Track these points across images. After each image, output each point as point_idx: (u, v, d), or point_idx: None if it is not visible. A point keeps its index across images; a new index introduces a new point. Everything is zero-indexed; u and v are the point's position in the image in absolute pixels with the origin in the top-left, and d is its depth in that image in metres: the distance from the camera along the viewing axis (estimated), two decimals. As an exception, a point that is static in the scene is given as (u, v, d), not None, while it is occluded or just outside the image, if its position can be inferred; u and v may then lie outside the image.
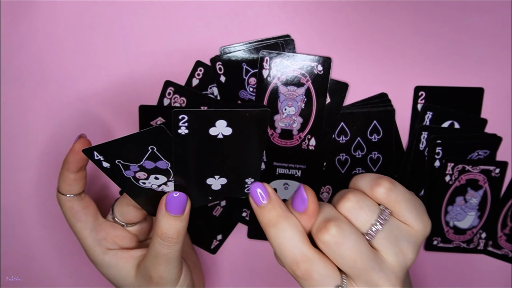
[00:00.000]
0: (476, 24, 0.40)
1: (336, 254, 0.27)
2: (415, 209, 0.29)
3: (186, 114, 0.26)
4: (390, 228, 0.28)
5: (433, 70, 0.40)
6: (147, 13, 0.40)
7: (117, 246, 0.36)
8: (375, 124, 0.41)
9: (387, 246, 0.28)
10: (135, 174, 0.30)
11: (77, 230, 0.36)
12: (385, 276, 0.27)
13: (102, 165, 0.29)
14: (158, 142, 0.28)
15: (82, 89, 0.41)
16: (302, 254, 0.28)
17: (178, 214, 0.31)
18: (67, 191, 0.35)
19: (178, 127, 0.27)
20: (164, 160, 0.29)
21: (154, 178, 0.31)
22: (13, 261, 0.45)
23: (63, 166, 0.34)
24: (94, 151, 0.28)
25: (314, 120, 0.40)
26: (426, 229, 0.29)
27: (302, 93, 0.40)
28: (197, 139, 0.28)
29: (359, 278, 0.27)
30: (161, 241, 0.32)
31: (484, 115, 0.41)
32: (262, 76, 0.40)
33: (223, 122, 0.27)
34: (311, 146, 0.41)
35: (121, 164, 0.29)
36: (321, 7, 0.40)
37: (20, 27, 0.41)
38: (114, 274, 0.35)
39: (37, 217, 0.44)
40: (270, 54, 0.39)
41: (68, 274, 0.46)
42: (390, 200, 0.28)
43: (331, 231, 0.27)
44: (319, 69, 0.39)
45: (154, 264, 0.33)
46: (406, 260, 0.28)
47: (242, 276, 0.45)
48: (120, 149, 0.28)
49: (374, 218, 0.28)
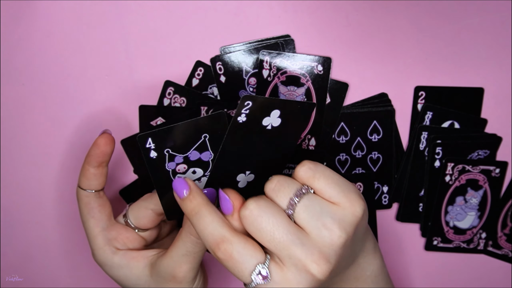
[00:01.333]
0: (476, 24, 0.40)
1: (255, 228, 0.28)
2: (339, 186, 0.29)
3: (251, 100, 0.27)
4: (310, 203, 0.28)
5: (433, 70, 0.40)
6: (147, 13, 0.40)
7: (125, 247, 0.36)
8: (375, 124, 0.41)
9: (308, 220, 0.28)
10: (176, 166, 0.31)
11: (89, 227, 0.35)
12: (307, 250, 0.27)
13: (149, 154, 0.29)
14: (213, 130, 0.29)
15: (82, 89, 0.41)
16: (221, 236, 0.28)
17: None
18: (86, 186, 0.35)
19: (239, 114, 0.27)
20: (209, 151, 0.30)
21: (191, 172, 0.31)
22: (13, 261, 0.45)
23: (85, 160, 0.34)
24: (148, 138, 0.29)
25: (314, 120, 0.40)
26: (354, 207, 0.28)
27: (302, 93, 0.40)
28: (248, 129, 0.29)
29: (280, 253, 0.27)
30: (196, 240, 0.32)
31: (484, 115, 0.41)
32: (262, 76, 0.40)
33: (277, 112, 0.28)
34: (311, 146, 0.41)
35: (168, 154, 0.30)
36: (321, 7, 0.40)
37: (20, 27, 0.41)
38: (125, 274, 0.35)
39: (37, 217, 0.44)
40: (270, 54, 0.39)
41: (68, 274, 0.46)
42: (309, 177, 0.29)
43: (249, 206, 0.28)
44: (319, 69, 0.39)
45: (181, 263, 0.33)
46: (332, 237, 0.27)
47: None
48: (175, 135, 0.29)
49: (293, 193, 0.28)
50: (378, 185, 0.42)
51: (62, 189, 0.44)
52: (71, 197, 0.44)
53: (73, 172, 0.43)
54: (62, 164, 0.43)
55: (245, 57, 0.40)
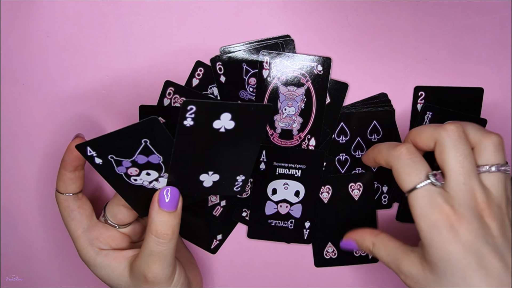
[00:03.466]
0: (476, 24, 0.40)
1: (454, 144, 0.30)
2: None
3: (194, 105, 0.26)
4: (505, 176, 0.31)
5: (432, 70, 0.40)
6: (147, 13, 0.40)
7: (109, 247, 0.36)
8: (374, 124, 0.41)
9: (495, 184, 0.31)
10: (127, 170, 0.30)
11: (71, 229, 0.36)
12: (483, 190, 0.30)
13: (94, 161, 0.29)
14: (152, 134, 0.28)
15: (82, 89, 0.41)
16: (406, 146, 0.32)
17: (172, 210, 0.32)
18: (64, 190, 0.35)
19: (184, 118, 0.27)
20: (156, 154, 0.29)
21: (145, 174, 0.31)
22: (13, 261, 0.45)
23: (60, 164, 0.35)
24: (87, 146, 0.28)
25: (314, 120, 0.40)
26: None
27: (302, 93, 0.40)
28: (198, 133, 0.28)
29: (457, 178, 0.30)
30: (156, 239, 0.32)
31: (484, 115, 0.41)
32: (262, 76, 0.40)
33: (228, 115, 0.27)
34: (311, 146, 0.41)
35: (114, 159, 0.29)
36: (321, 7, 0.40)
37: (20, 27, 0.41)
38: (107, 274, 0.35)
39: (37, 216, 0.44)
40: (270, 54, 0.39)
41: (68, 274, 0.46)
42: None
43: (457, 126, 0.31)
44: (319, 69, 0.39)
45: (148, 263, 0.33)
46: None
47: (242, 275, 0.45)
48: (113, 143, 0.28)
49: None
50: (378, 185, 0.42)
51: (62, 189, 0.44)
52: (71, 197, 0.44)
53: (73, 172, 0.43)
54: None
55: (245, 57, 0.40)
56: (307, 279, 0.44)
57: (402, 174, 0.31)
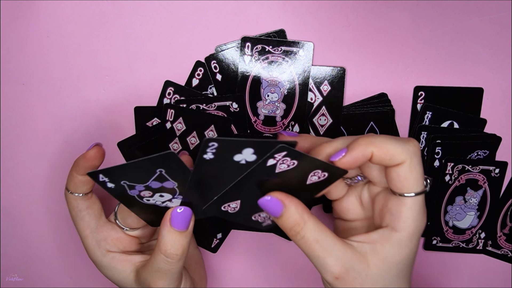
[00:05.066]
0: (476, 24, 0.40)
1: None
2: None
3: (216, 142, 0.26)
4: None
5: (432, 70, 0.40)
6: (147, 13, 0.40)
7: (117, 249, 0.36)
8: (372, 125, 0.41)
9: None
10: (140, 193, 0.30)
11: (79, 229, 0.36)
12: None
13: (106, 185, 0.29)
14: (167, 166, 0.28)
15: (82, 89, 0.41)
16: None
17: (183, 229, 0.31)
18: (74, 190, 0.35)
19: (205, 153, 0.26)
20: (171, 181, 0.29)
21: (159, 196, 0.30)
22: (13, 261, 0.45)
23: (73, 166, 0.34)
24: (99, 174, 0.28)
25: (297, 106, 0.40)
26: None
27: (284, 79, 0.40)
28: (218, 165, 0.27)
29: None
30: (165, 258, 0.31)
31: (483, 115, 0.41)
32: (244, 63, 0.40)
33: (250, 150, 0.27)
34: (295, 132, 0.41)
35: (127, 184, 0.29)
36: (321, 7, 0.40)
37: (20, 27, 0.41)
38: (114, 276, 0.35)
39: (37, 216, 0.44)
40: (251, 39, 0.39)
41: (68, 274, 0.46)
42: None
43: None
44: (301, 54, 0.39)
45: (155, 278, 0.32)
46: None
47: (242, 275, 0.45)
48: (127, 172, 0.28)
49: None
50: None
51: (62, 189, 0.44)
52: (71, 197, 0.44)
53: (73, 172, 0.43)
54: (62, 164, 0.43)
55: (238, 54, 0.40)
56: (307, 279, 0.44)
57: (418, 173, 0.29)
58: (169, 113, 0.40)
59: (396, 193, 0.30)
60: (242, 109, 0.40)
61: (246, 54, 0.40)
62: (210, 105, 0.40)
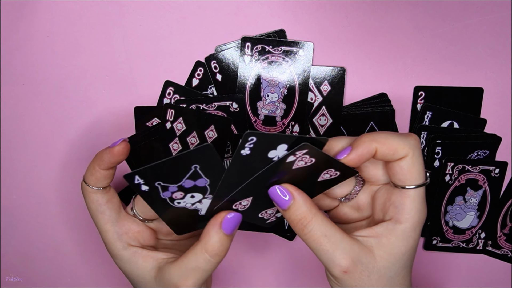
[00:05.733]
0: (476, 24, 0.40)
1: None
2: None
3: (255, 136, 0.26)
4: None
5: (432, 70, 0.40)
6: (147, 13, 0.40)
7: (137, 243, 0.36)
8: (372, 125, 0.41)
9: None
10: (172, 194, 0.30)
11: (99, 223, 0.35)
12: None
13: (140, 189, 0.29)
14: (203, 160, 0.28)
15: (82, 89, 0.41)
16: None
17: (230, 233, 0.32)
18: (93, 184, 0.34)
19: (243, 148, 0.26)
20: (204, 178, 0.29)
21: (190, 197, 0.30)
22: (13, 261, 0.45)
23: (95, 160, 0.34)
24: (136, 175, 0.28)
25: (297, 106, 0.40)
26: None
27: (284, 79, 0.40)
28: (252, 161, 0.28)
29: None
30: (208, 257, 0.32)
31: (483, 115, 0.41)
32: (244, 63, 0.40)
33: (284, 146, 0.27)
34: (295, 132, 0.41)
35: (161, 185, 0.29)
36: (321, 7, 0.40)
37: (20, 27, 0.41)
38: (132, 269, 0.35)
39: (37, 217, 0.44)
40: (251, 39, 0.39)
41: (67, 274, 0.46)
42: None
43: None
44: (301, 54, 0.39)
45: (187, 276, 0.32)
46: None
47: (243, 274, 0.45)
48: (163, 171, 0.28)
49: None
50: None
51: (62, 189, 0.44)
52: (71, 197, 0.44)
53: (73, 172, 0.43)
54: (62, 164, 0.43)
55: (238, 54, 0.40)
56: (307, 279, 0.44)
57: (420, 165, 0.30)
58: (169, 113, 0.40)
59: (399, 186, 0.30)
60: (242, 109, 0.41)
61: (246, 54, 0.40)
62: (210, 105, 0.40)
